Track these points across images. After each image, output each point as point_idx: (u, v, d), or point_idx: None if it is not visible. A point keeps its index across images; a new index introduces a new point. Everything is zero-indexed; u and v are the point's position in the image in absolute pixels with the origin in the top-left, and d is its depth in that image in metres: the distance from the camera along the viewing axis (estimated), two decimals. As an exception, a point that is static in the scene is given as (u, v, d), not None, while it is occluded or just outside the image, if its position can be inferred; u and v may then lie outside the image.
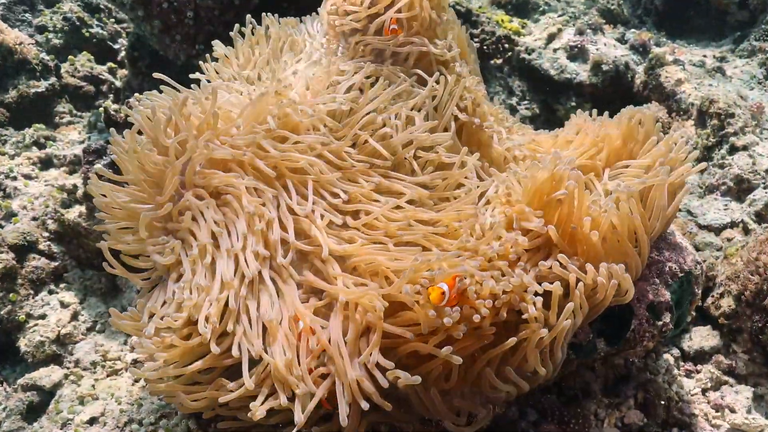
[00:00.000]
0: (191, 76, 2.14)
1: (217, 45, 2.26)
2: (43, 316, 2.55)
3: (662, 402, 2.10)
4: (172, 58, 3.20)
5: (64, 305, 2.60)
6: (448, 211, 1.79)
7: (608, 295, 1.60)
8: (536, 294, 1.55)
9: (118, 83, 3.73)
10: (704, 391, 2.26)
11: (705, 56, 3.79)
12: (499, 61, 3.73)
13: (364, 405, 1.41)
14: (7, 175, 2.99)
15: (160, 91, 1.96)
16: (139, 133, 1.79)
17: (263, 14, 2.31)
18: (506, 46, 3.71)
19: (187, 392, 1.57)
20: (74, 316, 2.58)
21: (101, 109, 2.99)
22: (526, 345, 1.54)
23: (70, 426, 2.20)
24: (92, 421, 2.20)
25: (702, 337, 2.39)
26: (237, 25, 2.30)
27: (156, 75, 2.00)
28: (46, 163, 3.15)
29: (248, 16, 2.30)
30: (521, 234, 1.65)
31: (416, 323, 1.49)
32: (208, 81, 2.15)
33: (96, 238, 2.52)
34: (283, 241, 1.63)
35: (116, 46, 3.95)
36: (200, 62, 2.24)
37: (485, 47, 3.68)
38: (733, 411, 2.17)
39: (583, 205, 1.64)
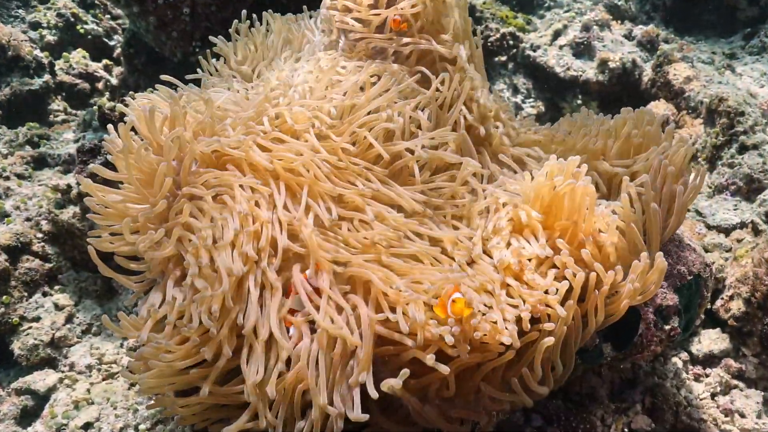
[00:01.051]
0: (188, 76, 2.10)
1: (216, 42, 2.22)
2: (37, 319, 2.51)
3: (670, 407, 2.06)
4: (168, 56, 3.16)
5: (58, 307, 2.56)
6: (449, 232, 1.74)
7: (631, 297, 1.56)
8: (556, 292, 1.51)
9: (113, 81, 3.68)
10: (713, 395, 2.23)
11: (714, 53, 3.75)
12: (504, 59, 3.68)
13: None
14: (0, 175, 2.94)
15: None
16: (134, 131, 1.75)
17: (263, 11, 2.27)
18: (511, 42, 3.66)
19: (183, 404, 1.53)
20: (69, 319, 2.54)
21: (96, 107, 2.95)
22: (534, 351, 1.49)
23: (65, 431, 2.16)
24: (87, 426, 2.19)
25: (711, 341, 2.36)
26: (235, 22, 2.26)
27: (162, 77, 1.97)
28: (39, 163, 3.10)
29: (244, 12, 2.25)
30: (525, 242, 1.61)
31: (413, 332, 1.45)
32: (207, 79, 2.12)
33: (91, 239, 2.48)
34: (275, 243, 1.58)
35: (112, 43, 3.90)
36: (200, 58, 2.20)
37: (489, 44, 3.64)
38: (743, 416, 2.15)
39: (591, 218, 1.60)
